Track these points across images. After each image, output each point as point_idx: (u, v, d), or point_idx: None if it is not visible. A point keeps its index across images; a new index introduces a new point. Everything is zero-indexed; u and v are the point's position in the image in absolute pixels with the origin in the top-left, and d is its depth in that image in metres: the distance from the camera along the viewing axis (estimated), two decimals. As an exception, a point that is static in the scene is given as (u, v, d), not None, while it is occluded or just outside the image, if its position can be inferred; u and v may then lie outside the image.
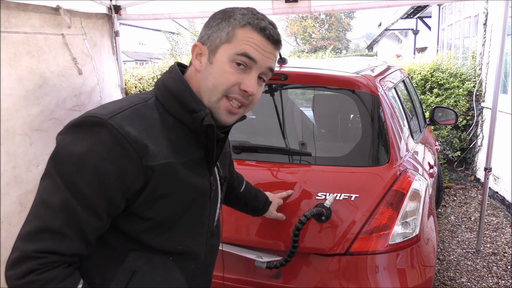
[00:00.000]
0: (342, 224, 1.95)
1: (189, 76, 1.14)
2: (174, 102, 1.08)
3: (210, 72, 1.08)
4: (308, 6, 3.48)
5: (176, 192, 1.06)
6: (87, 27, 3.32)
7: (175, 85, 1.09)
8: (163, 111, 1.07)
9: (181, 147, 1.07)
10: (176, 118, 1.08)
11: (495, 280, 3.40)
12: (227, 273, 2.08)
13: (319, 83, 2.38)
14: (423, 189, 2.13)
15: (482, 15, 6.10)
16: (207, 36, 1.10)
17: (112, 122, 0.95)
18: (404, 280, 1.93)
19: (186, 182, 1.07)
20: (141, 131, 0.99)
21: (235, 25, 1.07)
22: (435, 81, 6.21)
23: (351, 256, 1.92)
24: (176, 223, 1.10)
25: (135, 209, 1.01)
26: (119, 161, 0.94)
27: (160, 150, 1.01)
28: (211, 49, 1.09)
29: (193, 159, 1.10)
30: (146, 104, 1.06)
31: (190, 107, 1.07)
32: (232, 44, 1.06)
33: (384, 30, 19.60)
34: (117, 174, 0.94)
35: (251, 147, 2.25)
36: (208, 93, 1.08)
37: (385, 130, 2.16)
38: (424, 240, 2.05)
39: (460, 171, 6.36)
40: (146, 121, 1.02)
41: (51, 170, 0.94)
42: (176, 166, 1.04)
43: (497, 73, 3.51)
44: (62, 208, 0.91)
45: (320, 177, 2.07)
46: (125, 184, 0.96)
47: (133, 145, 0.95)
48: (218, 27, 1.09)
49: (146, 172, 0.98)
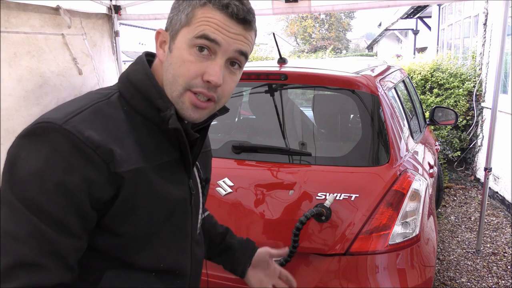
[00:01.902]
0: (342, 224, 1.94)
1: (155, 68, 0.99)
2: (140, 98, 0.93)
3: (170, 62, 0.93)
4: (308, 6, 3.48)
5: (151, 201, 0.92)
6: (87, 27, 3.32)
7: (139, 79, 0.94)
8: (129, 109, 0.92)
9: (153, 149, 0.93)
10: (144, 116, 0.93)
11: (495, 280, 3.40)
12: (227, 273, 2.08)
13: (319, 83, 2.38)
14: (423, 189, 2.13)
15: (482, 15, 6.10)
16: (169, 20, 0.95)
17: (68, 126, 0.81)
18: (404, 280, 1.93)
19: (162, 188, 0.93)
20: (104, 133, 0.85)
21: (194, 5, 0.91)
22: (435, 81, 6.22)
23: (351, 256, 1.92)
24: (155, 236, 0.95)
25: (107, 223, 0.88)
26: (83, 171, 0.81)
27: (128, 155, 0.87)
28: (171, 35, 0.93)
29: (167, 162, 0.96)
30: (108, 101, 0.91)
31: (156, 104, 0.92)
32: (191, 26, 0.90)
33: (384, 30, 19.60)
34: (84, 186, 0.81)
35: (251, 147, 2.25)
36: (169, 87, 0.93)
37: (385, 130, 2.16)
38: (424, 240, 2.05)
39: (460, 171, 6.36)
40: (110, 122, 0.88)
41: (8, 195, 0.79)
42: (148, 171, 0.90)
43: (497, 73, 3.52)
44: (32, 236, 0.77)
45: (320, 177, 2.07)
46: (94, 195, 0.83)
47: (96, 151, 0.82)
48: (179, 9, 0.93)
49: (115, 180, 0.84)
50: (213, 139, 2.63)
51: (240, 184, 2.10)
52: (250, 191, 2.09)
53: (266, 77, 2.40)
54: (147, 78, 0.94)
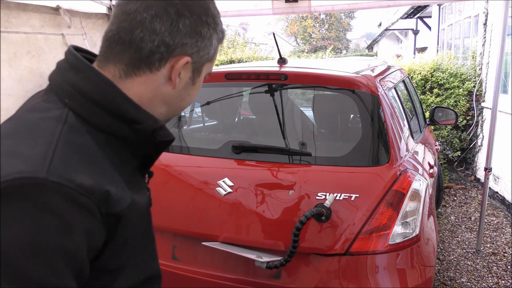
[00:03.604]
0: (342, 224, 1.94)
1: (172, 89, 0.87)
2: (102, 113, 0.79)
3: (189, 93, 0.89)
4: (308, 6, 3.48)
5: (140, 226, 0.85)
6: (87, 27, 3.32)
7: (97, 90, 0.79)
8: (90, 129, 0.78)
9: (123, 169, 0.82)
10: (109, 133, 0.80)
11: (495, 280, 3.40)
12: (227, 273, 2.08)
13: (319, 83, 2.38)
14: (423, 189, 2.13)
15: (482, 15, 6.10)
16: (196, 48, 0.84)
17: (55, 177, 0.66)
18: (404, 280, 1.93)
19: (140, 207, 0.84)
20: (92, 173, 0.72)
21: (218, 40, 0.88)
22: (435, 81, 6.21)
23: (351, 256, 1.92)
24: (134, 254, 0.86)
25: (99, 266, 0.77)
26: (82, 224, 0.69)
27: (120, 189, 0.77)
28: (196, 66, 0.86)
29: (132, 175, 0.86)
30: (69, 127, 0.75)
31: (131, 117, 0.80)
32: (211, 62, 0.90)
33: (384, 30, 19.60)
34: (84, 241, 0.69)
35: (251, 147, 2.25)
36: (172, 112, 0.90)
37: (385, 130, 2.16)
38: (424, 240, 2.05)
39: (460, 171, 6.36)
40: (88, 156, 0.75)
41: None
42: (134, 196, 0.81)
43: (497, 73, 3.51)
44: None
45: (320, 177, 2.07)
46: (92, 247, 0.72)
47: (91, 198, 0.70)
48: (210, 41, 0.86)
49: (108, 221, 0.73)
50: (213, 139, 2.64)
51: (240, 184, 2.10)
52: (250, 191, 2.09)
53: (266, 77, 2.40)
54: (107, 87, 0.80)
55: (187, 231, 2.17)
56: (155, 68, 0.82)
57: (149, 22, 0.79)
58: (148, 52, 0.80)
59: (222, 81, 2.42)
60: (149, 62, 0.81)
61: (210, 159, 2.29)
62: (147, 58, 0.80)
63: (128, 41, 0.79)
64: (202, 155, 2.35)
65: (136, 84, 0.82)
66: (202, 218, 2.11)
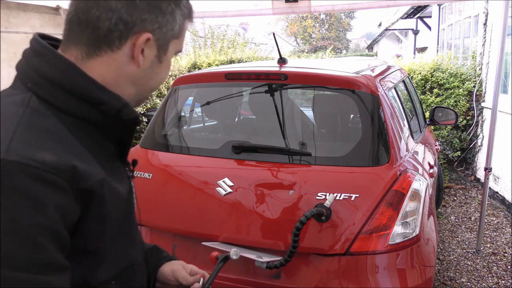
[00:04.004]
0: (342, 224, 1.94)
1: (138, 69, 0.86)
2: (66, 96, 0.79)
3: (157, 72, 0.88)
4: (308, 6, 3.48)
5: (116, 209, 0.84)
6: (87, 27, 3.32)
7: (59, 73, 0.78)
8: (56, 112, 0.78)
9: (97, 151, 0.82)
10: (76, 116, 0.80)
11: (495, 280, 3.40)
12: (227, 273, 2.08)
13: (319, 83, 2.38)
14: (423, 189, 2.13)
15: (482, 15, 6.10)
16: (158, 24, 0.83)
17: (14, 156, 0.67)
18: (404, 280, 1.93)
19: (118, 192, 0.85)
20: (56, 150, 0.72)
21: (184, 16, 0.88)
22: (435, 81, 6.21)
23: (351, 256, 1.92)
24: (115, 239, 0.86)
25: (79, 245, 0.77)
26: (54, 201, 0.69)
27: (89, 165, 0.77)
28: (160, 43, 0.85)
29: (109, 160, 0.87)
30: (32, 111, 0.75)
31: (95, 98, 0.80)
32: (179, 39, 0.89)
33: (384, 30, 19.60)
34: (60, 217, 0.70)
35: (251, 147, 2.25)
36: (142, 93, 0.90)
37: (385, 130, 2.16)
38: (424, 240, 2.05)
39: (460, 171, 6.36)
40: (52, 135, 0.75)
41: None
42: (107, 177, 0.81)
43: (497, 73, 3.51)
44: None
45: (320, 177, 2.07)
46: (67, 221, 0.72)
47: (59, 175, 0.70)
48: (173, 16, 0.85)
49: (80, 196, 0.74)
50: (213, 139, 2.64)
51: (240, 184, 2.10)
52: (250, 191, 2.09)
53: (266, 77, 2.40)
54: (69, 69, 0.79)
55: (187, 231, 2.17)
56: (116, 46, 0.80)
57: (104, 0, 0.78)
58: (106, 31, 0.79)
59: (222, 81, 2.42)
60: (109, 41, 0.80)
61: (210, 159, 2.29)
62: (106, 37, 0.79)
63: (85, 21, 0.79)
64: (202, 155, 2.35)
65: (99, 64, 0.81)
66: (202, 218, 2.11)
